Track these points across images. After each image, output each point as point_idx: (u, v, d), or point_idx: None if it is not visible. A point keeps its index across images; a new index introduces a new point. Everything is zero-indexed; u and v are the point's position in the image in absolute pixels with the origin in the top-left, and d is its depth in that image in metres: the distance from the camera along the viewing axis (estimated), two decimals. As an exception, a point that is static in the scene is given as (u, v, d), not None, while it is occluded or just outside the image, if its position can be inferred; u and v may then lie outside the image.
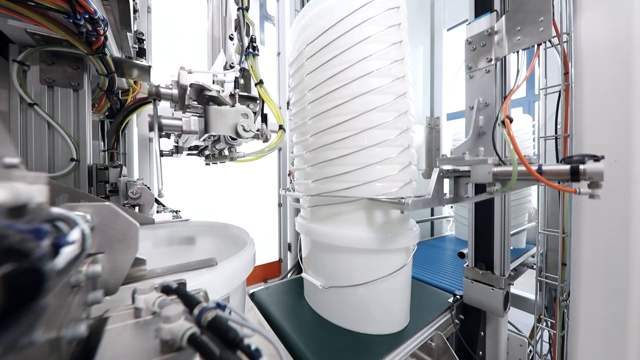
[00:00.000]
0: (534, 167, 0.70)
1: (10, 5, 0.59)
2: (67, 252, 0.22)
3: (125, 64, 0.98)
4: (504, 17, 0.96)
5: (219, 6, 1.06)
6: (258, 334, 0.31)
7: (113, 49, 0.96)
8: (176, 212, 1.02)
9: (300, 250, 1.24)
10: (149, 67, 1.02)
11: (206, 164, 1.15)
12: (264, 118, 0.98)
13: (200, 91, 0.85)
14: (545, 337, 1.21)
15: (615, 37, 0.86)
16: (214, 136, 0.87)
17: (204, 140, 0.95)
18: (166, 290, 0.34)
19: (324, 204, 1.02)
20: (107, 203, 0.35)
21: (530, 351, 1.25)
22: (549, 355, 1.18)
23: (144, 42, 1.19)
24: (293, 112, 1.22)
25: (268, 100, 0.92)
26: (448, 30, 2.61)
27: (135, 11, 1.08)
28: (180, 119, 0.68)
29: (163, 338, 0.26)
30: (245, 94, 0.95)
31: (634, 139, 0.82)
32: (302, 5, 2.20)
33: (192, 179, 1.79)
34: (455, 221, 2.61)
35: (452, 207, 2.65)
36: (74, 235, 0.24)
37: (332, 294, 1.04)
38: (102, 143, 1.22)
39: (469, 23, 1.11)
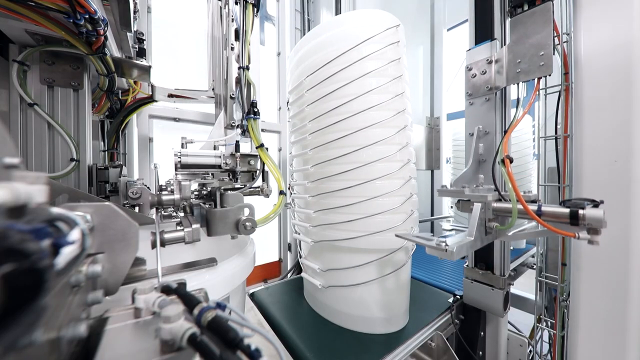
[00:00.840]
0: (534, 208, 0.71)
1: (10, 5, 0.59)
2: (67, 252, 0.22)
3: (125, 64, 0.98)
4: (505, 47, 0.96)
5: (219, 6, 1.06)
6: (258, 334, 0.31)
7: (113, 49, 0.96)
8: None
9: (300, 249, 1.25)
10: (149, 67, 1.03)
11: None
12: (265, 177, 1.00)
13: (202, 186, 0.88)
14: (545, 337, 1.21)
15: (615, 37, 0.86)
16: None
17: None
18: (166, 290, 0.34)
19: (327, 207, 1.01)
20: (107, 203, 0.35)
21: (530, 351, 1.25)
22: (549, 355, 1.18)
23: (144, 42, 1.19)
24: (293, 139, 1.22)
25: (269, 163, 0.94)
26: (448, 30, 2.61)
27: (135, 11, 1.08)
28: (183, 230, 0.68)
29: (163, 338, 0.26)
30: (246, 152, 0.97)
31: (634, 139, 0.82)
32: (302, 5, 2.20)
33: (192, 179, 1.79)
34: (455, 221, 2.61)
35: (452, 207, 2.64)
36: (74, 235, 0.24)
37: (331, 294, 1.04)
38: (102, 143, 1.22)
39: (469, 49, 1.10)
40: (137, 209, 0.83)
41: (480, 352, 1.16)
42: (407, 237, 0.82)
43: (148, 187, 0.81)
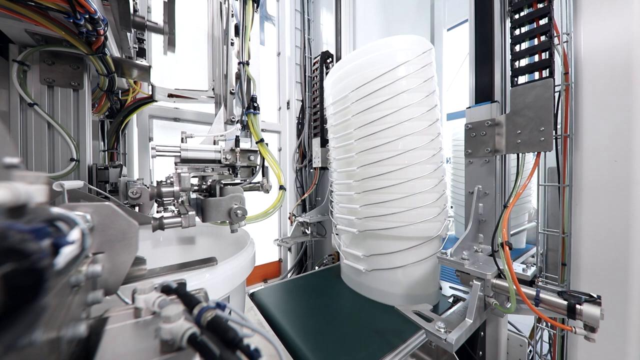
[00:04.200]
0: (532, 293, 0.73)
1: (10, 5, 0.59)
2: (67, 252, 0.22)
3: (125, 64, 0.98)
4: (504, 115, 0.93)
5: (219, 6, 1.06)
6: (258, 334, 0.31)
7: (113, 49, 0.96)
8: None
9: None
10: (149, 67, 1.03)
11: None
12: (264, 172, 1.00)
13: (202, 179, 0.89)
14: (545, 337, 1.21)
15: (615, 36, 0.86)
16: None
17: None
18: (166, 290, 0.34)
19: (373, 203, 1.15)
20: (106, 203, 0.35)
21: (530, 351, 1.25)
22: (549, 355, 1.18)
23: (144, 42, 1.19)
24: (335, 144, 1.34)
25: (269, 158, 0.94)
26: (448, 30, 2.61)
27: (135, 11, 1.08)
28: (180, 216, 0.73)
29: (163, 338, 0.26)
30: (246, 147, 0.97)
31: (634, 139, 0.82)
32: (302, 5, 2.19)
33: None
34: (455, 221, 2.61)
35: (452, 207, 2.64)
36: (74, 235, 0.24)
37: (373, 276, 1.19)
38: (102, 143, 1.22)
39: (469, 107, 1.08)
40: (137, 208, 0.83)
41: (480, 352, 1.16)
42: (406, 314, 0.85)
43: (148, 187, 0.81)
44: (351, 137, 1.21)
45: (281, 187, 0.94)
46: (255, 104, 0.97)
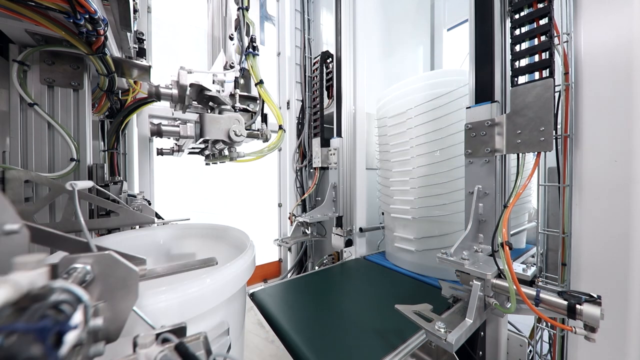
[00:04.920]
0: (532, 293, 0.73)
1: (10, 5, 0.59)
2: (71, 338, 0.22)
3: (125, 64, 0.98)
4: (504, 115, 0.93)
5: (219, 6, 1.06)
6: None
7: (113, 49, 0.96)
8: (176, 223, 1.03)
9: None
10: (149, 67, 1.03)
11: (206, 164, 1.16)
12: (264, 118, 0.98)
13: (200, 91, 0.86)
14: (545, 337, 1.21)
15: (615, 36, 0.86)
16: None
17: (200, 143, 0.96)
18: (166, 340, 0.34)
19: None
20: (107, 252, 0.35)
21: (530, 351, 1.25)
22: (549, 355, 1.18)
23: (144, 42, 1.19)
24: (395, 149, 1.61)
25: (268, 100, 0.93)
26: (448, 30, 2.61)
27: (135, 11, 1.08)
28: (178, 126, 0.73)
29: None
30: (246, 93, 0.95)
31: (634, 139, 0.82)
32: (302, 5, 2.19)
33: (192, 179, 1.79)
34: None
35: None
36: (77, 318, 0.24)
37: (423, 255, 1.48)
38: (102, 143, 1.22)
39: (469, 107, 1.07)
40: (137, 226, 0.84)
41: (480, 352, 1.16)
42: (405, 314, 0.84)
43: (149, 202, 0.82)
44: (409, 143, 1.52)
45: (280, 127, 0.93)
46: (255, 44, 0.96)
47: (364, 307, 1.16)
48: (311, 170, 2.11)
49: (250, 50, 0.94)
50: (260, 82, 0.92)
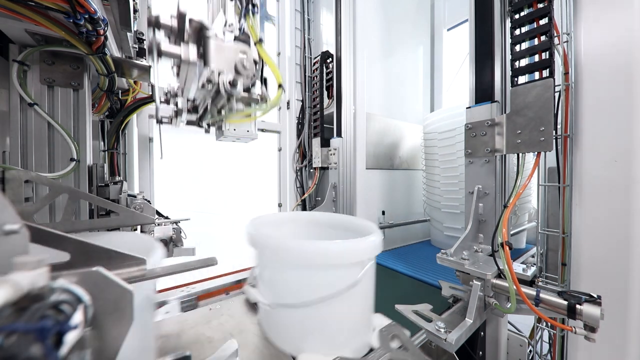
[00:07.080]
0: (532, 293, 0.72)
1: (10, 5, 0.59)
2: (71, 339, 0.22)
3: (125, 64, 0.98)
4: (504, 115, 0.93)
5: (219, 3, 1.05)
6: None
7: (113, 49, 0.96)
8: (177, 222, 1.02)
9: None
10: (149, 67, 1.02)
11: (205, 132, 1.13)
12: (264, 81, 0.97)
13: (199, 30, 0.84)
14: (545, 337, 1.21)
15: (615, 36, 0.85)
16: (213, 90, 0.84)
17: (201, 102, 0.93)
18: None
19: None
20: (94, 269, 0.30)
21: (530, 351, 1.25)
22: (549, 355, 1.18)
23: (144, 42, 1.19)
24: (439, 159, 1.88)
25: (267, 59, 0.91)
26: (448, 30, 2.61)
27: (135, 11, 1.08)
28: (180, 47, 0.69)
29: None
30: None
31: (634, 139, 0.82)
32: (302, 5, 2.19)
33: (192, 179, 1.79)
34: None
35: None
36: (77, 317, 0.24)
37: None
38: (102, 143, 1.22)
39: (469, 107, 1.07)
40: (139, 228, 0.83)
41: (480, 352, 1.16)
42: (405, 314, 0.85)
43: (149, 201, 0.82)
44: (455, 155, 1.78)
45: (280, 86, 0.93)
46: (254, 2, 0.95)
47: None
48: (311, 170, 2.11)
49: (249, 8, 0.93)
50: (260, 41, 0.91)
